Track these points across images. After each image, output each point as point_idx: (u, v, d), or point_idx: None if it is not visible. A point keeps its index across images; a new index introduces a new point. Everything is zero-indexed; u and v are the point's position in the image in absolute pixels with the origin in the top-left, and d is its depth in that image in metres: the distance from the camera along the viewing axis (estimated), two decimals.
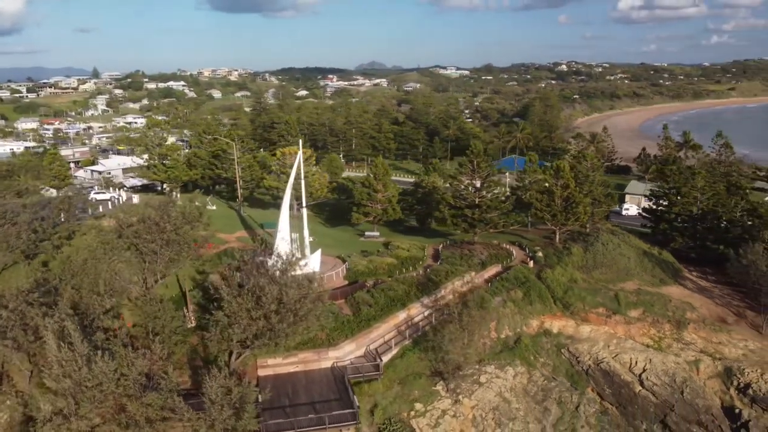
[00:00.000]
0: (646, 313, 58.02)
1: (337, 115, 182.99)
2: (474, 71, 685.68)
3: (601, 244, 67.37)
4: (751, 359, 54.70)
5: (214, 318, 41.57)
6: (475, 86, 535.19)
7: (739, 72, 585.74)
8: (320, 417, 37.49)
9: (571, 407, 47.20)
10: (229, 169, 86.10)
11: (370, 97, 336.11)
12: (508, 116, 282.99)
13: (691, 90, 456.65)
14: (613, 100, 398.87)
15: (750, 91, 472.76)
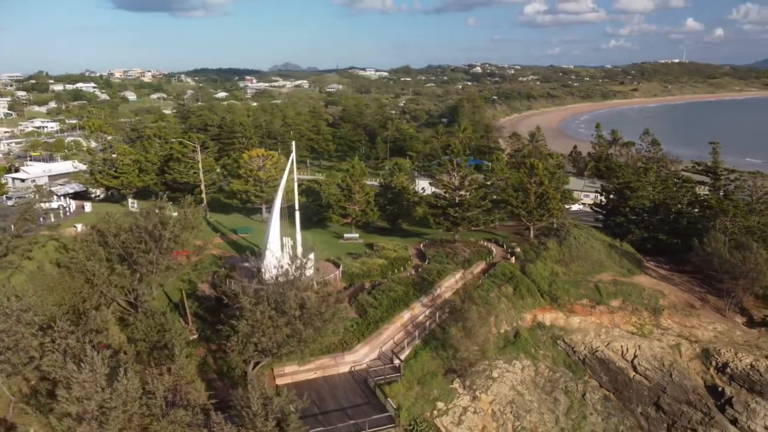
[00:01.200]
0: (626, 302, 61.04)
1: (274, 116, 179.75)
2: (392, 72, 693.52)
3: (573, 238, 70.21)
4: (722, 340, 58.78)
5: (234, 328, 39.89)
6: (396, 87, 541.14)
7: (638, 74, 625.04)
8: (357, 423, 36.88)
9: (578, 395, 48.96)
10: (188, 174, 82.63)
11: (296, 99, 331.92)
12: (434, 117, 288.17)
13: (599, 91, 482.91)
14: (529, 101, 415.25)
15: (650, 91, 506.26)
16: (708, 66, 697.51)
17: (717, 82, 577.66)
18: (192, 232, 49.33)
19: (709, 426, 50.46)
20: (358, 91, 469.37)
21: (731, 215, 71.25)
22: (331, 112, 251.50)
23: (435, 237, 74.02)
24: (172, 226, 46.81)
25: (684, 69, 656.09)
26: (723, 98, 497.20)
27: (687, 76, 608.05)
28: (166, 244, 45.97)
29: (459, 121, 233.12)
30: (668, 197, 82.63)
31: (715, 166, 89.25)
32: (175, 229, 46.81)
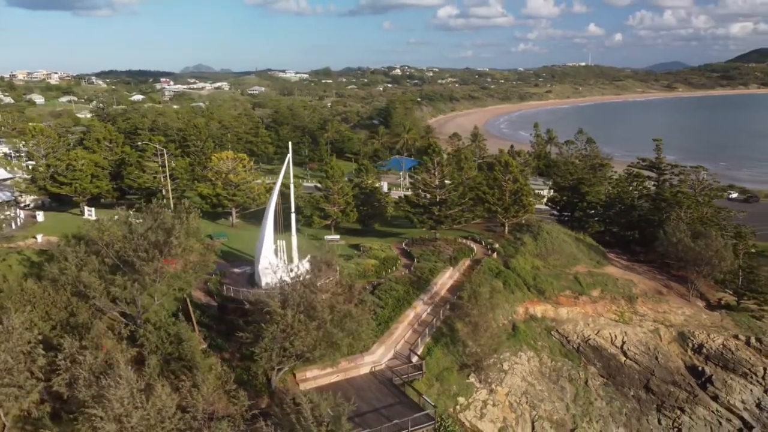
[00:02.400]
0: (604, 291, 64.12)
1: (210, 119, 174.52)
2: (312, 74, 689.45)
3: (546, 233, 72.88)
4: (692, 323, 62.95)
5: (260, 333, 38.79)
6: (318, 89, 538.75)
7: (549, 76, 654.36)
8: (398, 423, 36.76)
9: (581, 383, 51.04)
10: (152, 178, 78.91)
11: (220, 101, 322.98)
12: (364, 118, 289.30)
13: (516, 92, 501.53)
14: (452, 103, 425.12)
15: (563, 93, 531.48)
16: (611, 69, 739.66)
17: (622, 84, 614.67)
18: (196, 238, 47.25)
19: (694, 404, 53.98)
20: (280, 93, 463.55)
21: (686, 207, 76.33)
22: (259, 115, 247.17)
23: (410, 236, 74.65)
24: (178, 231, 44.69)
25: (590, 72, 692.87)
26: (628, 99, 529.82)
27: (594, 78, 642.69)
28: (175, 251, 43.84)
29: (392, 122, 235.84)
30: (622, 192, 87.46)
31: (658, 162, 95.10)
32: (181, 235, 44.74)
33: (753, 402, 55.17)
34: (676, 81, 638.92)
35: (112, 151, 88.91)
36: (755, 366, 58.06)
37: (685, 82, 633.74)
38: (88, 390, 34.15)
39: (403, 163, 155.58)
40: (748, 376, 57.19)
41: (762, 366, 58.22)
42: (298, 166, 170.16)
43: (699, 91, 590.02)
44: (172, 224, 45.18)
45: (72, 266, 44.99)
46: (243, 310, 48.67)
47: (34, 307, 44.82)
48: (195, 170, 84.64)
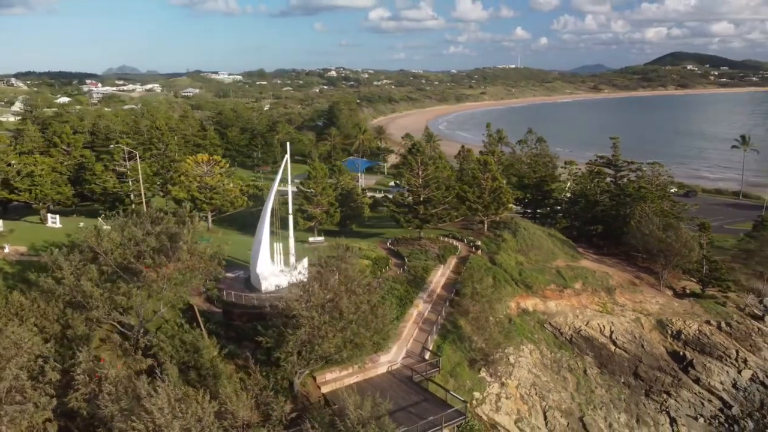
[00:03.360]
0: (585, 284, 66.48)
1: (154, 121, 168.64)
2: (246, 76, 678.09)
3: (524, 229, 74.88)
4: (667, 312, 66.23)
5: (284, 337, 38.06)
6: (253, 91, 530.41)
7: (481, 78, 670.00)
8: (432, 421, 36.91)
9: (581, 372, 52.79)
10: (111, 182, 75.58)
11: (157, 103, 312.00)
12: (306, 120, 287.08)
13: (452, 94, 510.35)
14: (392, 104, 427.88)
15: (497, 94, 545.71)
16: (540, 71, 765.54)
17: (551, 85, 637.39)
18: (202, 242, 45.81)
19: (678, 387, 56.85)
20: (216, 95, 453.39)
21: (650, 201, 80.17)
22: (199, 117, 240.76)
23: (389, 236, 74.89)
24: (186, 236, 43.21)
25: (520, 74, 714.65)
26: (558, 100, 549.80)
27: (524, 80, 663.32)
28: (185, 256, 42.33)
29: (338, 123, 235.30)
30: (585, 188, 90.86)
31: (615, 159, 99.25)
32: (189, 240, 43.29)
33: (730, 383, 58.66)
34: (601, 83, 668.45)
35: (69, 155, 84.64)
36: (729, 349, 61.78)
37: (610, 83, 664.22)
38: (115, 404, 32.61)
39: (358, 164, 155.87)
40: (723, 359, 60.77)
41: (734, 349, 62.03)
42: (249, 169, 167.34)
43: (623, 92, 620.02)
44: (178, 228, 43.70)
45: (69, 275, 42.76)
46: (249, 315, 47.87)
47: (23, 320, 42.25)
48: (161, 174, 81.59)
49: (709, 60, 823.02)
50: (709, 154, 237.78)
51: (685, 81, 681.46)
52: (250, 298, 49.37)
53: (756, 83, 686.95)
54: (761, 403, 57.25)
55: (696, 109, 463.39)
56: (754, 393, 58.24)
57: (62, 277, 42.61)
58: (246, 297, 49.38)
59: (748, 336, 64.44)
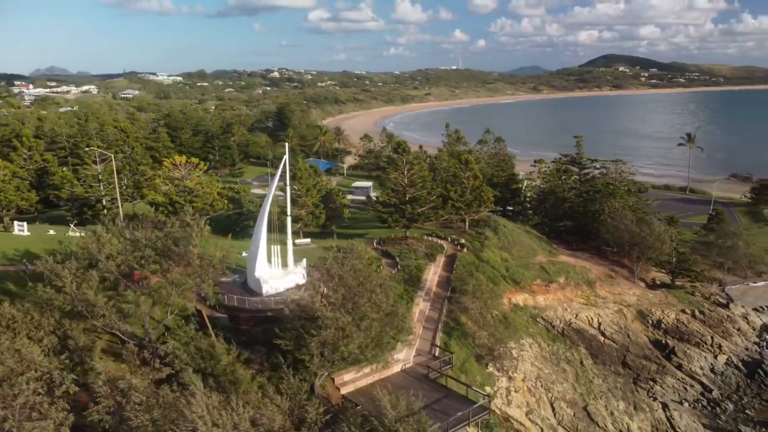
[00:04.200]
0: (568, 278, 68.48)
1: (105, 124, 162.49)
2: (186, 77, 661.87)
3: (503, 226, 76.45)
4: (644, 302, 69.09)
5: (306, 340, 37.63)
6: (195, 92, 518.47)
7: (424, 79, 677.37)
8: (458, 417, 37.26)
9: (578, 364, 54.38)
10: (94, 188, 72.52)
11: (98, 106, 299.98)
12: (255, 121, 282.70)
13: (398, 95, 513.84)
14: (339, 105, 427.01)
15: (442, 95, 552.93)
16: (481, 72, 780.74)
17: (493, 86, 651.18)
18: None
19: (663, 374, 59.38)
20: (157, 97, 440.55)
21: (619, 196, 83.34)
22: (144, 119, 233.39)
23: (372, 236, 74.99)
24: (196, 240, 42.07)
25: (462, 75, 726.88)
26: (500, 101, 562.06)
27: (466, 81, 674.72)
28: (195, 261, 41.19)
29: (291, 125, 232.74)
30: (554, 185, 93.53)
31: (579, 157, 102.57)
32: (198, 244, 42.16)
33: (708, 368, 61.73)
34: (540, 84, 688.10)
35: (31, 159, 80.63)
36: (704, 336, 65.03)
37: (548, 84, 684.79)
38: (146, 414, 31.53)
39: (319, 166, 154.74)
40: (701, 345, 63.93)
41: (709, 335, 65.35)
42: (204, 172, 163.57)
43: (561, 92, 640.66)
44: (187, 232, 42.52)
45: (71, 284, 40.96)
46: (257, 319, 47.07)
47: (16, 333, 40.21)
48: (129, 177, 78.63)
49: (639, 62, 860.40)
50: (647, 152, 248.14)
51: (618, 82, 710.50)
52: (254, 302, 48.45)
53: (683, 84, 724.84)
54: (737, 385, 60.44)
55: (630, 109, 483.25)
56: (730, 376, 61.46)
57: (63, 285, 40.77)
58: (250, 301, 48.43)
59: (720, 323, 67.99)
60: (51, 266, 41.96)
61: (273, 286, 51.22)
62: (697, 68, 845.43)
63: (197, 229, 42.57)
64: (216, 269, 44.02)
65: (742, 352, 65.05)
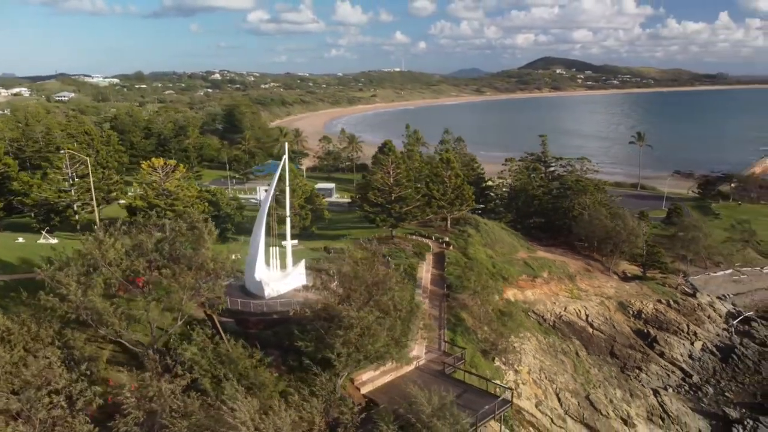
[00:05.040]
0: (551, 273, 70.35)
1: (51, 127, 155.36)
2: (124, 79, 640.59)
3: (484, 224, 77.75)
4: (623, 294, 71.72)
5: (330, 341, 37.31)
6: (134, 95, 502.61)
7: (367, 81, 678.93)
8: (484, 412, 37.68)
9: (573, 355, 55.91)
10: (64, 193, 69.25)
11: (34, 109, 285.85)
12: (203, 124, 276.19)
13: (344, 97, 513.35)
14: (286, 107, 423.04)
15: (388, 97, 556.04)
16: (423, 74, 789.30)
17: (437, 88, 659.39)
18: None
19: (648, 362, 61.83)
20: (95, 99, 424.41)
21: (589, 193, 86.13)
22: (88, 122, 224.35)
23: (354, 236, 74.77)
24: (208, 243, 40.96)
25: (405, 77, 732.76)
26: (446, 102, 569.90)
27: (410, 83, 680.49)
28: (209, 264, 40.08)
29: (242, 126, 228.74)
30: (525, 184, 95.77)
31: (544, 156, 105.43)
32: (210, 247, 41.06)
33: (687, 354, 64.63)
34: (483, 85, 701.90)
35: None
36: (681, 324, 68.04)
37: (490, 86, 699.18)
38: (184, 420, 30.60)
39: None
40: (678, 333, 66.86)
41: (685, 323, 68.42)
42: None
43: (503, 94, 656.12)
44: (196, 235, 41.38)
45: (75, 291, 39.23)
46: (266, 322, 46.23)
47: (13, 346, 38.30)
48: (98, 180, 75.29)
49: (575, 64, 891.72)
50: (591, 151, 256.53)
51: (556, 84, 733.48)
52: (259, 305, 47.57)
53: (617, 86, 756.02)
54: (714, 370, 63.53)
55: (570, 110, 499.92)
56: (706, 361, 64.54)
57: (68, 293, 38.99)
58: (254, 304, 47.51)
59: (692, 311, 71.28)
60: (52, 273, 40.09)
61: (275, 289, 50.44)
62: (628, 70, 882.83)
63: (207, 231, 41.48)
64: (228, 272, 43.11)
65: (714, 338, 68.40)
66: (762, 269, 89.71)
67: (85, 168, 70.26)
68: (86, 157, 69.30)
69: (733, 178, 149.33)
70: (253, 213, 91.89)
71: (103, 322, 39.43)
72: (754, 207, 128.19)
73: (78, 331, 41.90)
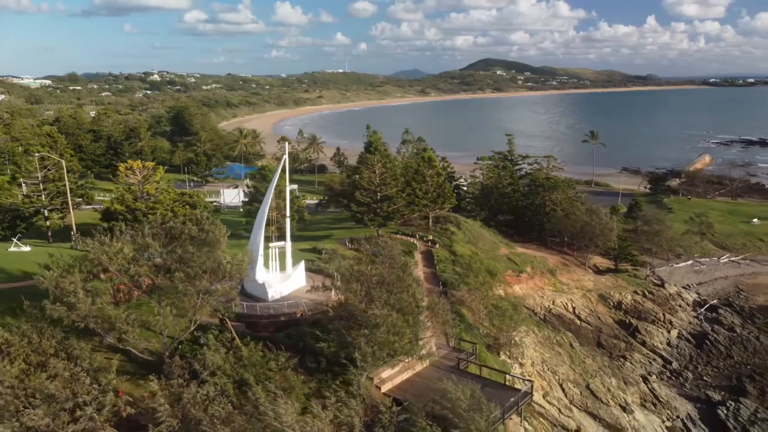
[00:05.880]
0: (534, 268, 72.01)
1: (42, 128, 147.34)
2: (56, 81, 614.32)
3: (464, 222, 78.78)
4: (601, 286, 74.20)
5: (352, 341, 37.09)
6: (70, 97, 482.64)
7: (311, 82, 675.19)
8: (510, 404, 38.21)
9: (568, 347, 57.34)
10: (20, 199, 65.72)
11: None
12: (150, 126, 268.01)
13: (290, 98, 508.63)
14: (232, 109, 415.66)
15: (334, 98, 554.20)
16: (366, 75, 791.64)
17: (383, 89, 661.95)
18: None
19: (631, 351, 64.20)
20: (27, 101, 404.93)
21: (560, 190, 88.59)
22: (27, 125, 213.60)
23: (338, 237, 74.39)
24: (224, 243, 39.91)
25: (349, 78, 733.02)
26: (392, 103, 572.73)
27: (354, 84, 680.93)
28: (227, 266, 39.02)
29: (192, 129, 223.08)
30: (497, 182, 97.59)
31: (510, 154, 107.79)
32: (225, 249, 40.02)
33: (665, 342, 67.46)
34: (427, 86, 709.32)
35: None
36: (657, 313, 70.96)
37: (435, 87, 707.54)
38: (226, 427, 29.81)
39: (237, 170, 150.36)
40: (656, 322, 69.69)
41: (661, 312, 71.40)
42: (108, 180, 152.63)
43: (448, 95, 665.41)
44: (210, 237, 40.27)
45: (85, 299, 37.64)
46: (277, 324, 45.41)
47: (13, 360, 36.47)
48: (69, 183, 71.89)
49: (515, 66, 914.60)
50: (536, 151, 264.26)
51: (498, 85, 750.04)
52: (266, 307, 46.72)
53: (556, 87, 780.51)
54: (690, 356, 66.54)
55: (512, 110, 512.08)
56: (683, 348, 67.54)
57: (77, 301, 37.33)
58: (261, 307, 46.62)
59: (666, 301, 74.45)
60: (56, 281, 38.27)
61: (278, 291, 49.69)
62: (565, 72, 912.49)
63: (222, 234, 40.44)
64: (243, 274, 42.17)
65: (687, 325, 71.66)
66: (719, 259, 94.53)
67: (56, 172, 67.16)
68: (60, 159, 66.07)
69: (681, 174, 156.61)
70: (225, 216, 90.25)
71: (114, 331, 37.98)
72: (702, 201, 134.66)
73: (83, 341, 40.17)
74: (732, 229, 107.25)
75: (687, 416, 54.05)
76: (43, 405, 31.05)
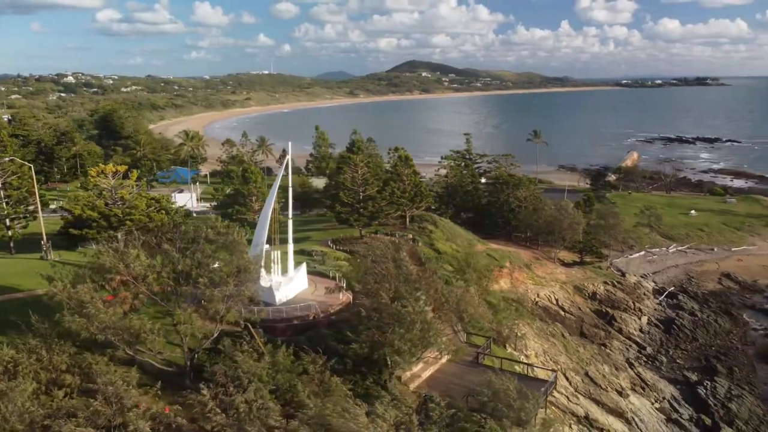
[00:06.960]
0: (512, 263, 73.79)
1: None
2: None
3: (440, 220, 79.72)
4: (574, 279, 77.06)
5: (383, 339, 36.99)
6: None
7: (236, 84, 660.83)
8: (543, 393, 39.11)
9: (560, 337, 59.16)
10: None
11: None
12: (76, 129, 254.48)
13: (218, 100, 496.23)
14: (159, 112, 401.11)
15: (263, 100, 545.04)
16: (293, 77, 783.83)
17: (312, 91, 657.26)
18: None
19: (611, 338, 67.08)
20: None
21: (524, 187, 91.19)
22: None
23: (317, 238, 73.56)
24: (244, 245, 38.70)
25: (276, 80, 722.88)
26: (321, 105, 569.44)
27: (281, 86, 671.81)
28: (252, 268, 37.83)
29: (124, 132, 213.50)
30: (460, 180, 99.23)
31: (468, 153, 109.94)
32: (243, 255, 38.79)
33: (638, 328, 70.89)
34: (356, 88, 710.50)
35: None
36: (627, 302, 74.48)
37: (363, 89, 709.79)
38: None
39: (182, 174, 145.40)
40: (628, 311, 73.14)
41: (631, 301, 75.01)
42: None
43: (377, 96, 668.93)
44: (228, 240, 39.00)
45: (106, 310, 35.79)
46: (294, 327, 44.45)
47: (24, 377, 34.34)
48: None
49: (439, 68, 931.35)
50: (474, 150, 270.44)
51: (425, 86, 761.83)
52: (278, 311, 45.66)
53: (480, 88, 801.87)
54: (660, 341, 70.23)
55: (441, 111, 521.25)
56: (654, 334, 71.20)
57: (97, 312, 35.41)
58: (272, 311, 45.49)
59: (633, 290, 78.25)
60: (69, 292, 36.08)
61: (284, 294, 48.68)
62: (487, 74, 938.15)
63: (239, 235, 39.26)
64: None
65: (654, 312, 75.64)
66: (668, 249, 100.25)
67: (18, 179, 62.93)
68: (29, 164, 61.73)
69: (620, 169, 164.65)
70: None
71: (138, 342, 36.22)
72: (641, 195, 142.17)
73: (98, 354, 38.17)
74: (674, 221, 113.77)
75: (672, 397, 57.00)
76: (88, 424, 29.51)
